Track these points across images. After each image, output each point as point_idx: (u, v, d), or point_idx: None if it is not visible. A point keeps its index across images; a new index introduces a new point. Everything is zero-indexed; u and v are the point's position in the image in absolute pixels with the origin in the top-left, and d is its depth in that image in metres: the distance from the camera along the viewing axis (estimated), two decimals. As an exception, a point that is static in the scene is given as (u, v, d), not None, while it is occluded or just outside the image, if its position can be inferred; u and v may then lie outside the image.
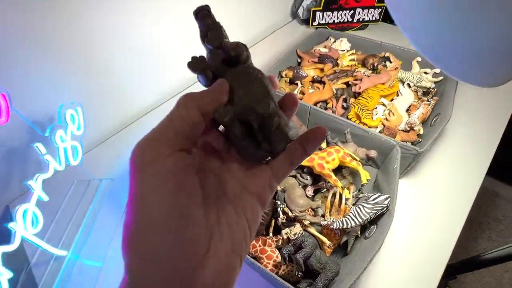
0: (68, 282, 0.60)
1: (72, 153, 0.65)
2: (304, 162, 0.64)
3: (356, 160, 0.63)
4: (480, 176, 0.72)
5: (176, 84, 1.01)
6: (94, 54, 0.76)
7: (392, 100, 0.83)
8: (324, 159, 0.62)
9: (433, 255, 0.59)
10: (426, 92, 0.88)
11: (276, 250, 0.57)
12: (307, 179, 0.64)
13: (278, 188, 0.60)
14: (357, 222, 0.54)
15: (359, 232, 0.57)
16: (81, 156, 0.68)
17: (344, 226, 0.54)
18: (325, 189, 0.65)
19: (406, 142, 0.73)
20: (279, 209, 0.57)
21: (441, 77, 0.87)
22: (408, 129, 0.76)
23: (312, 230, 0.58)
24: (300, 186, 0.63)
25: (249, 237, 0.19)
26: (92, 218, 0.71)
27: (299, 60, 1.02)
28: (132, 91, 0.90)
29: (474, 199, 0.68)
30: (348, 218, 0.55)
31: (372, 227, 0.57)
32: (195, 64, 0.20)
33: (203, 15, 0.21)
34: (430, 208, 0.67)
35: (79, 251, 0.65)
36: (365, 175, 0.61)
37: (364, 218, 0.54)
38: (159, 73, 0.94)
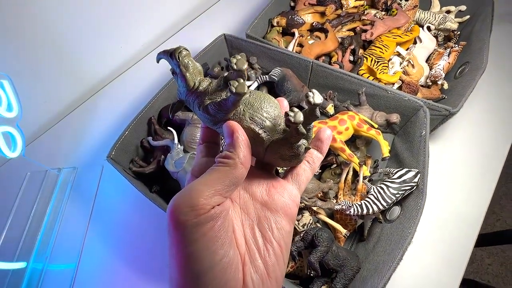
0: (33, 298, 0.50)
1: (7, 142, 0.50)
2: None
3: (374, 127, 0.51)
4: (510, 133, 0.62)
5: (139, 48, 0.81)
6: (26, 14, 0.55)
7: (408, 48, 0.68)
8: (335, 129, 0.49)
9: (462, 228, 0.52)
10: (447, 37, 0.73)
11: (281, 243, 0.47)
12: (314, 155, 0.52)
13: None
14: (380, 207, 0.44)
15: (380, 215, 0.47)
16: (22, 145, 0.52)
17: (364, 212, 0.44)
18: (335, 165, 0.54)
19: (428, 99, 0.60)
20: (283, 196, 0.45)
21: (467, 16, 0.71)
22: (430, 83, 0.63)
23: (323, 216, 0.48)
24: (306, 164, 0.52)
25: (282, 257, 0.20)
26: (54, 215, 0.58)
27: (292, 4, 0.83)
28: (84, 59, 0.71)
29: (503, 163, 0.59)
30: (368, 202, 0.45)
31: (395, 207, 0.47)
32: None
33: (182, 55, 0.20)
34: (454, 176, 0.57)
35: (43, 257, 0.54)
36: (386, 146, 0.49)
37: (389, 201, 0.44)
38: (117, 34, 0.74)
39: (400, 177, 0.45)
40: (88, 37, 0.68)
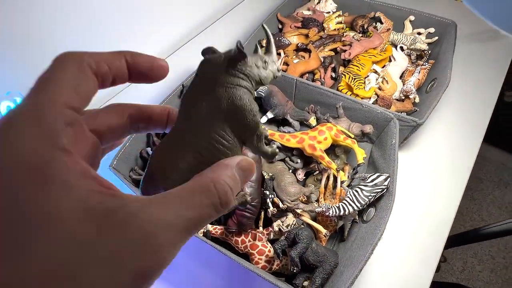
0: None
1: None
2: (293, 144, 0.56)
3: (351, 137, 0.57)
4: (477, 142, 0.68)
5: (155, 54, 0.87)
6: (36, 30, 0.61)
7: (384, 66, 0.76)
8: (315, 139, 0.55)
9: (433, 230, 0.56)
10: (420, 56, 0.80)
11: (268, 243, 0.51)
12: (297, 163, 0.58)
13: (266, 176, 0.53)
14: (355, 208, 0.49)
15: (356, 217, 0.52)
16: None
17: (341, 213, 0.49)
18: (317, 172, 0.59)
19: (402, 112, 0.67)
20: (268, 200, 0.50)
21: (436, 38, 0.79)
22: (403, 97, 0.70)
23: (306, 218, 0.53)
24: (290, 171, 0.57)
25: None
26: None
27: (280, 26, 0.91)
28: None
29: (471, 167, 0.65)
30: (344, 204, 0.50)
31: (370, 209, 0.52)
32: None
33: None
34: (427, 181, 0.63)
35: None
36: (361, 154, 0.55)
37: (363, 203, 0.49)
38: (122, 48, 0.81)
39: (372, 181, 0.50)
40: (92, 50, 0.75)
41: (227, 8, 1.06)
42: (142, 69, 0.15)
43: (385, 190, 0.50)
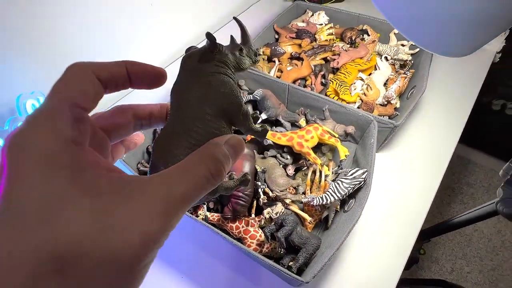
0: None
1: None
2: (284, 142, 0.63)
3: (335, 136, 0.63)
4: (452, 144, 0.75)
5: (160, 62, 0.95)
6: (57, 34, 0.69)
7: (370, 74, 0.83)
8: (303, 138, 0.62)
9: (408, 222, 0.63)
10: (403, 65, 0.88)
11: (259, 229, 0.57)
12: (287, 159, 0.64)
13: (259, 169, 0.60)
14: (336, 197, 0.55)
15: (338, 207, 0.59)
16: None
17: (324, 202, 0.55)
18: (305, 167, 0.66)
19: (384, 116, 0.74)
20: (260, 190, 0.57)
21: (417, 49, 0.87)
22: (386, 103, 0.77)
23: (294, 207, 0.59)
24: (281, 165, 0.64)
25: None
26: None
27: (276, 36, 0.99)
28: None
29: (446, 167, 0.71)
30: (327, 194, 0.56)
31: (351, 201, 0.59)
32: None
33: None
34: (406, 179, 0.69)
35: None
36: (343, 151, 0.61)
37: (343, 193, 0.55)
38: (139, 52, 0.88)
39: (352, 174, 0.57)
40: (112, 54, 0.82)
41: (227, 19, 1.15)
42: (140, 76, 0.17)
43: (363, 182, 0.56)
